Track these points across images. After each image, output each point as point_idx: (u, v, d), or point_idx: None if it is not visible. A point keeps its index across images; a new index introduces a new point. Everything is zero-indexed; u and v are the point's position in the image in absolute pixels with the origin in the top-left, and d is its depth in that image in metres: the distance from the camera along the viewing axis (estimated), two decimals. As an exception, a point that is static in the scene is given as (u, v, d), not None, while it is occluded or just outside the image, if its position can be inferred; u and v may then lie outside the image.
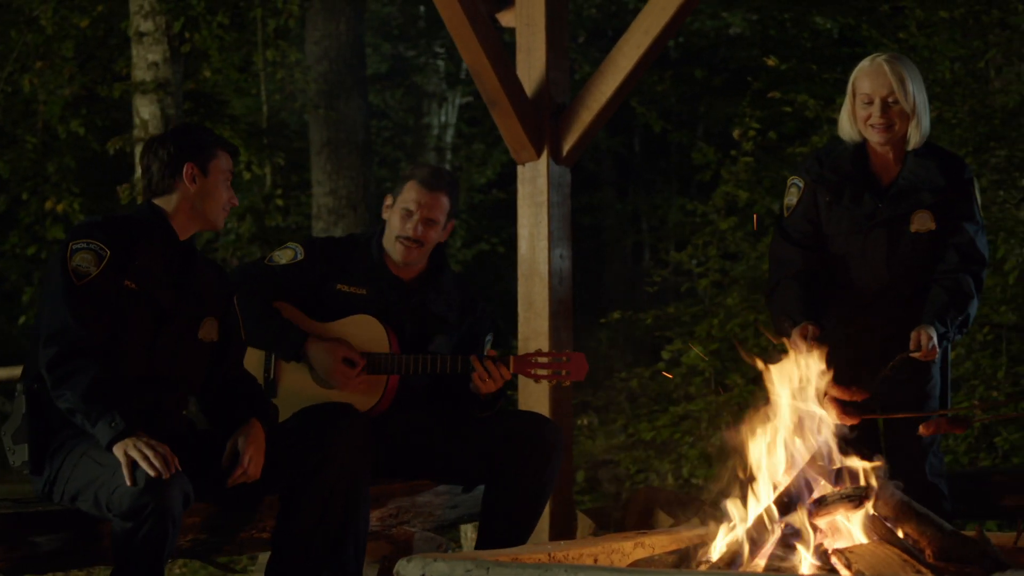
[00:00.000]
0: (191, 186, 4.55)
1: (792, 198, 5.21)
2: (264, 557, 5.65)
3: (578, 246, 7.08)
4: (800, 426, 4.08)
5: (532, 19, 6.54)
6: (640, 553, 4.19)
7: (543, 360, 5.23)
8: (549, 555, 3.89)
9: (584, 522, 6.86)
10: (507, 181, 18.14)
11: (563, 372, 5.22)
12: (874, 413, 4.68)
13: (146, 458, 4.06)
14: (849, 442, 4.18)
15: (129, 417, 4.18)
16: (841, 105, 5.22)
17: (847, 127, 5.14)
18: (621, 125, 19.66)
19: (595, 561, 4.01)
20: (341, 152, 12.85)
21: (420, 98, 17.28)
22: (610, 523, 6.93)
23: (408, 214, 5.26)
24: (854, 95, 5.08)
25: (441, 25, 17.27)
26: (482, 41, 6.26)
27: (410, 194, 5.29)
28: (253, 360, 5.10)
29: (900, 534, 3.81)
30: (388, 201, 5.38)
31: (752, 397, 8.86)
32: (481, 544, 5.14)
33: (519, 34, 6.60)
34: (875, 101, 5.00)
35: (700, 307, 9.23)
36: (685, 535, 4.39)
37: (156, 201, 4.57)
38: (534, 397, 6.32)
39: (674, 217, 13.69)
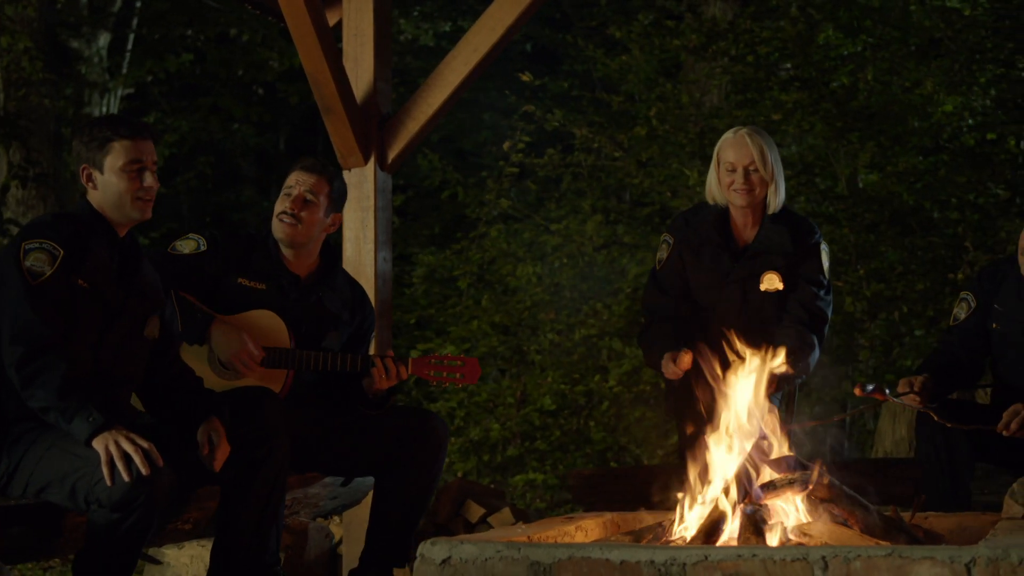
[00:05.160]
0: (93, 189, 4.53)
1: (663, 253, 5.84)
2: (155, 550, 5.73)
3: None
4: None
5: (360, 30, 6.78)
6: (583, 536, 4.57)
7: (440, 363, 5.49)
8: (528, 537, 4.22)
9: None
10: (169, 175, 17.90)
11: (458, 376, 5.50)
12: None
13: (125, 456, 4.07)
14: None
15: (105, 410, 4.18)
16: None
17: (714, 191, 5.74)
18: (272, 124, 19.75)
19: (555, 542, 4.36)
20: (31, 142, 12.56)
21: (81, 87, 16.84)
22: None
23: (287, 194, 5.43)
24: (719, 163, 5.68)
25: (106, 15, 17.06)
26: (325, 51, 6.45)
27: (291, 178, 5.47)
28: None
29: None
30: None
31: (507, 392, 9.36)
32: (372, 533, 5.35)
33: (347, 44, 6.81)
34: (738, 169, 5.62)
35: (458, 308, 9.61)
36: (603, 519, 4.81)
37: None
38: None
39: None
